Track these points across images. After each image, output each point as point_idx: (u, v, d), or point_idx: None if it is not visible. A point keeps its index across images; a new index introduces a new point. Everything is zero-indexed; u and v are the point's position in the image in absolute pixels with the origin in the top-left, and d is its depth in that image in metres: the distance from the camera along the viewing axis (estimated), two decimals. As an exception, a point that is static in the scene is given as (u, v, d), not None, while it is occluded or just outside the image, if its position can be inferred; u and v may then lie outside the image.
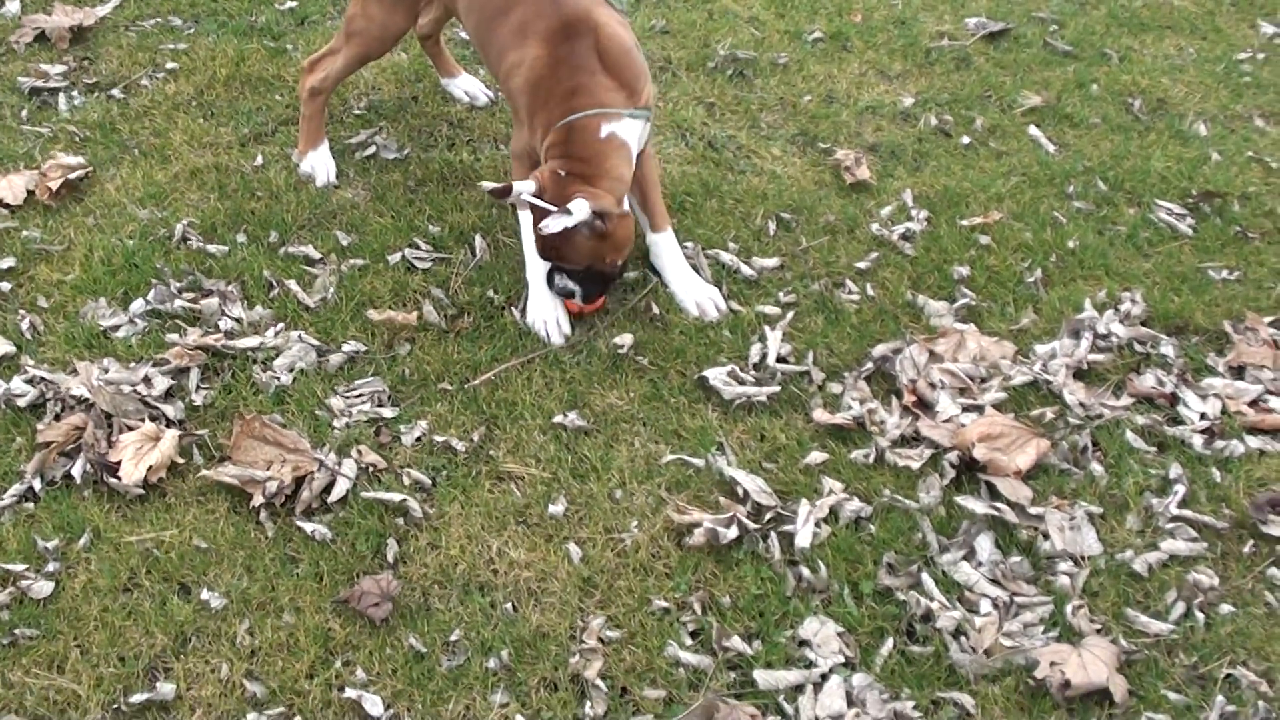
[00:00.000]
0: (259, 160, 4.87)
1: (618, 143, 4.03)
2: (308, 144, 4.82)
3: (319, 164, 4.80)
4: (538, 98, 4.08)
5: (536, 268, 4.19)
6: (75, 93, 5.30)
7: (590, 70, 4.03)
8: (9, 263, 4.36)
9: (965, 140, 5.15)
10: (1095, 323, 4.14)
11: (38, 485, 3.60)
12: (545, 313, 4.14)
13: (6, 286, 4.27)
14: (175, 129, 5.04)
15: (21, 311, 4.17)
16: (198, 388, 3.91)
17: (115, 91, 5.30)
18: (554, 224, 3.81)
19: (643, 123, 4.11)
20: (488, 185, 3.96)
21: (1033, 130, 5.21)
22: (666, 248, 4.35)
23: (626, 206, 4.10)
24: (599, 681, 3.12)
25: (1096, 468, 3.67)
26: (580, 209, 3.82)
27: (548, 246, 4.01)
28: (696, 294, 4.25)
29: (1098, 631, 3.23)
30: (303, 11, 5.90)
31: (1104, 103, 5.40)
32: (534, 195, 3.92)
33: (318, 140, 4.82)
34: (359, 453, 3.68)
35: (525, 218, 4.19)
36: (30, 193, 4.66)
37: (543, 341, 4.10)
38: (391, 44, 4.74)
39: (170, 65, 5.45)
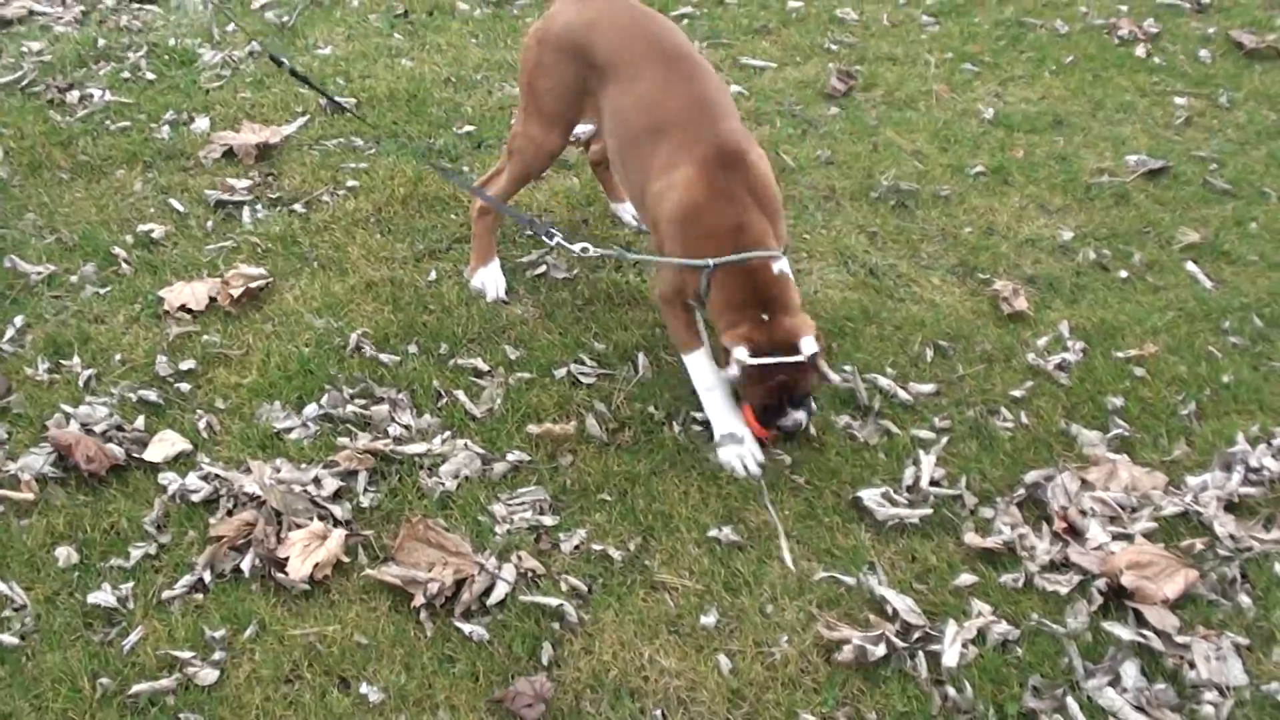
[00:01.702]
0: (432, 275, 5.02)
1: (789, 278, 4.07)
2: (479, 261, 4.96)
3: (489, 280, 4.94)
4: (694, 227, 4.08)
5: (717, 407, 4.23)
6: (259, 206, 5.51)
7: (747, 205, 4.06)
8: (189, 365, 4.53)
9: (1123, 274, 5.17)
10: (1248, 456, 4.13)
11: (208, 577, 3.72)
12: (740, 450, 4.16)
13: (186, 387, 4.44)
14: (353, 243, 5.22)
15: (199, 411, 4.33)
16: (365, 490, 4.03)
17: (297, 206, 5.51)
18: (821, 373, 4.05)
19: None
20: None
21: (1190, 266, 5.22)
22: None
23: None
24: (745, 791, 3.16)
25: (1245, 599, 3.65)
26: (810, 345, 3.95)
27: (779, 387, 4.04)
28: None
29: (1244, 763, 3.21)
30: (479, 136, 6.09)
31: (1262, 240, 5.40)
32: (751, 354, 3.96)
33: (488, 257, 4.96)
34: (519, 558, 3.76)
35: (694, 363, 4.27)
36: (212, 299, 4.86)
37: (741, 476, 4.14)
38: (548, 162, 4.85)
39: (351, 183, 5.65)
